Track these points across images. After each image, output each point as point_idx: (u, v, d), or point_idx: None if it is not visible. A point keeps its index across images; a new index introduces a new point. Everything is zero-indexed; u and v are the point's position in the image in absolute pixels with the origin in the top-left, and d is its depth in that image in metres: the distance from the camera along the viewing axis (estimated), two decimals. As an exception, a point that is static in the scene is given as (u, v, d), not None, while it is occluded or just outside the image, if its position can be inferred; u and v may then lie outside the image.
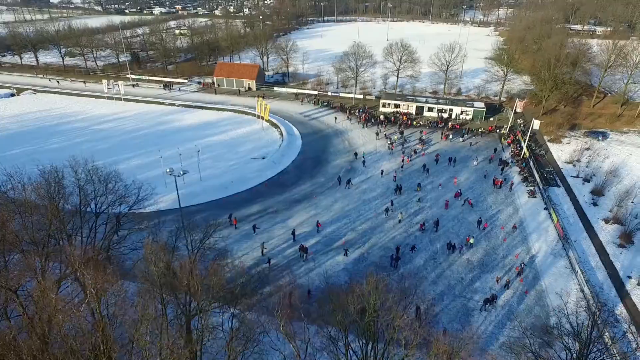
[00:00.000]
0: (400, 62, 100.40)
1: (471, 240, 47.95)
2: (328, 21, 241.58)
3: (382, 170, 63.97)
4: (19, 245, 24.62)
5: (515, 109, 77.48)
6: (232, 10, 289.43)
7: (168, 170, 32.67)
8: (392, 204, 55.87)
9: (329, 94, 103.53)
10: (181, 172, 32.59)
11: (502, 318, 38.52)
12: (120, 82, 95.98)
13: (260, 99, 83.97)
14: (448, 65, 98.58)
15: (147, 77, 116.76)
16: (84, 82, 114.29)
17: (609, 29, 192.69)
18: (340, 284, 40.73)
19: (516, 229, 51.70)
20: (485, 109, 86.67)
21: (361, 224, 52.22)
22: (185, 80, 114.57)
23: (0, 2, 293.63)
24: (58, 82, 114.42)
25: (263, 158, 69.84)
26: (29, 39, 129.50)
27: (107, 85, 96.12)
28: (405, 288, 34.27)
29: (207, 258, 31.39)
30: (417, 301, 37.94)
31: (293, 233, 49.00)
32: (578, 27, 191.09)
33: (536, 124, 68.76)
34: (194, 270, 24.23)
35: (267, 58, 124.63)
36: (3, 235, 23.97)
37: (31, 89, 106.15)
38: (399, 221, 51.95)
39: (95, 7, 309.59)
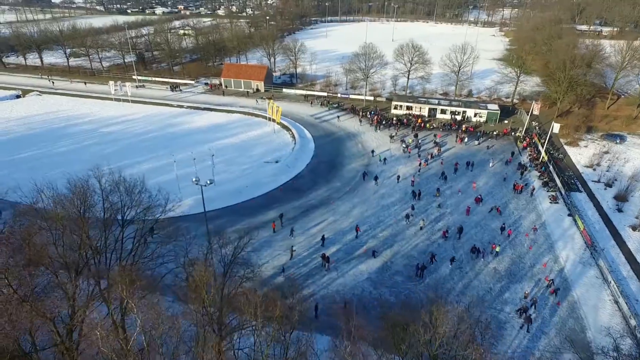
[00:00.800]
0: (411, 64, 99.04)
1: (497, 249, 46.63)
2: (331, 21, 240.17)
3: (399, 176, 62.33)
4: (52, 267, 23.14)
5: (532, 111, 76.10)
6: (234, 10, 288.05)
7: (194, 179, 31.12)
8: (412, 209, 54.62)
9: (339, 95, 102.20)
10: (207, 182, 30.96)
11: (535, 331, 37.18)
12: (128, 84, 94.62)
13: (271, 100, 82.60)
14: (460, 67, 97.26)
15: (153, 78, 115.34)
16: (84, 83, 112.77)
17: (615, 29, 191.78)
18: (393, 307, 39.03)
19: (537, 231, 50.93)
20: (499, 111, 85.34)
21: (382, 231, 50.89)
22: (192, 82, 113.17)
23: (1, 2, 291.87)
24: (53, 82, 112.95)
25: (276, 162, 68.48)
26: (34, 39, 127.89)
27: (115, 86, 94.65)
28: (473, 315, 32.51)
29: (237, 273, 30.02)
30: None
31: (323, 238, 48.05)
32: (584, 27, 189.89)
33: (556, 127, 67.43)
34: (248, 293, 22.89)
35: (274, 59, 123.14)
36: (38, 258, 22.45)
37: (37, 91, 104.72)
38: (421, 228, 50.63)
39: (97, 7, 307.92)
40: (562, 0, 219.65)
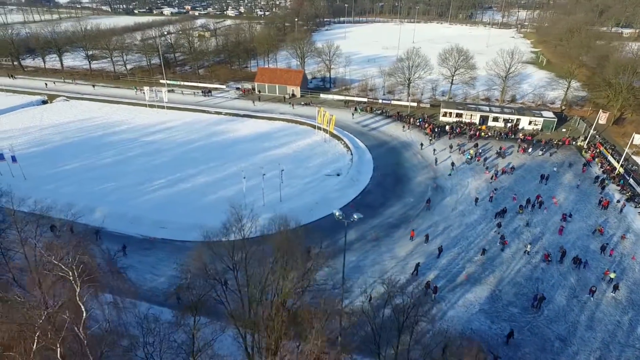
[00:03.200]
0: (455, 68, 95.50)
1: (611, 275, 43.05)
2: (344, 22, 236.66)
3: (477, 198, 57.29)
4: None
5: (597, 120, 72.75)
6: (243, 11, 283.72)
7: (337, 214, 27.07)
8: (499, 227, 51.14)
9: (380, 101, 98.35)
10: (355, 217, 26.78)
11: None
12: (164, 89, 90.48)
13: (322, 108, 78.74)
14: (508, 71, 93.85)
15: (182, 83, 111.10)
16: (93, 86, 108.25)
17: (637, 30, 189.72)
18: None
19: (625, 239, 49.35)
20: (556, 119, 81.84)
21: (476, 254, 47.18)
22: (223, 86, 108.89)
23: (5, 1, 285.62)
24: (46, 84, 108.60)
25: (338, 175, 64.67)
26: (55, 41, 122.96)
27: (150, 91, 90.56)
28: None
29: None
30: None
31: (440, 249, 46.00)
32: (605, 28, 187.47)
33: (637, 138, 63.92)
34: None
35: (303, 61, 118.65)
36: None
37: (64, 96, 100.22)
38: (527, 253, 46.90)
39: (103, 7, 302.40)
40: (580, 2, 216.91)
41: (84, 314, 18.93)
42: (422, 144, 74.41)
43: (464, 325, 37.76)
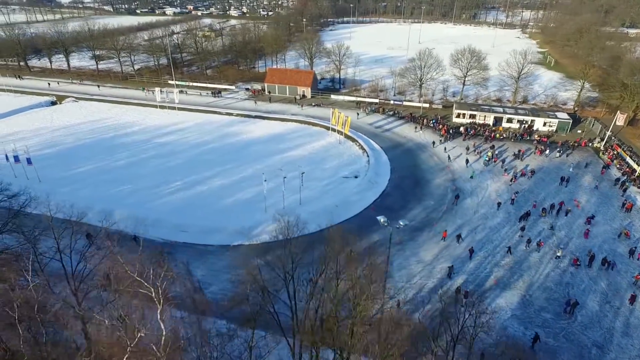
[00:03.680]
0: (467, 69, 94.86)
1: (643, 279, 42.48)
2: (348, 22, 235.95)
3: (500, 203, 56.34)
4: None
5: (614, 122, 72.14)
6: (245, 11, 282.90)
7: (382, 220, 26.22)
8: (523, 230, 50.57)
9: (392, 102, 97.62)
10: (401, 224, 25.98)
11: None
12: (175, 90, 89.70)
13: (336, 110, 78.02)
14: (520, 71, 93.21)
15: (191, 83, 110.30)
16: (98, 87, 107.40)
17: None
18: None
19: None
20: (571, 121, 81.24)
21: (502, 258, 46.58)
22: (233, 87, 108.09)
23: (7, 1, 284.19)
24: (49, 84, 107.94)
25: (355, 177, 63.97)
26: (61, 41, 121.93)
27: (160, 93, 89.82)
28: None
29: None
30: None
31: (470, 250, 45.91)
32: (612, 29, 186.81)
33: (659, 140, 63.30)
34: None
35: (312, 62, 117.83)
36: None
37: (72, 97, 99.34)
38: (557, 257, 46.23)
39: (105, 7, 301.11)
40: (585, 2, 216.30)
41: (164, 333, 18.24)
42: (434, 142, 75.09)
43: (498, 331, 37.05)
